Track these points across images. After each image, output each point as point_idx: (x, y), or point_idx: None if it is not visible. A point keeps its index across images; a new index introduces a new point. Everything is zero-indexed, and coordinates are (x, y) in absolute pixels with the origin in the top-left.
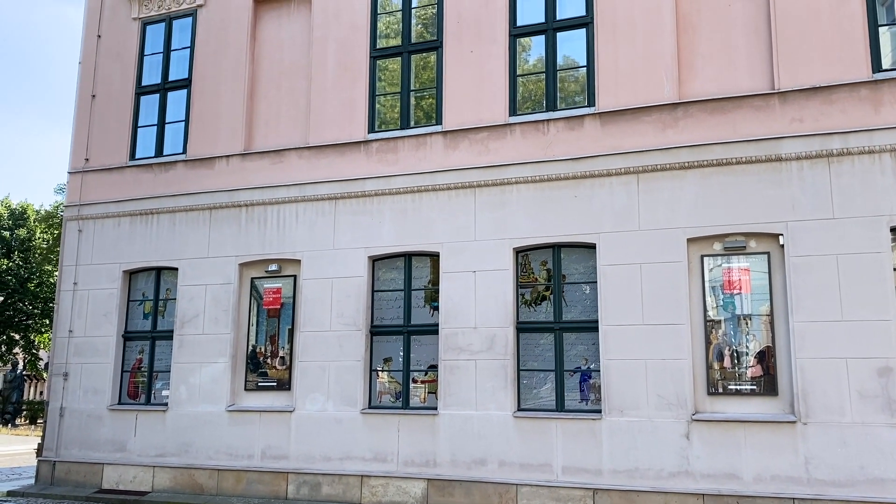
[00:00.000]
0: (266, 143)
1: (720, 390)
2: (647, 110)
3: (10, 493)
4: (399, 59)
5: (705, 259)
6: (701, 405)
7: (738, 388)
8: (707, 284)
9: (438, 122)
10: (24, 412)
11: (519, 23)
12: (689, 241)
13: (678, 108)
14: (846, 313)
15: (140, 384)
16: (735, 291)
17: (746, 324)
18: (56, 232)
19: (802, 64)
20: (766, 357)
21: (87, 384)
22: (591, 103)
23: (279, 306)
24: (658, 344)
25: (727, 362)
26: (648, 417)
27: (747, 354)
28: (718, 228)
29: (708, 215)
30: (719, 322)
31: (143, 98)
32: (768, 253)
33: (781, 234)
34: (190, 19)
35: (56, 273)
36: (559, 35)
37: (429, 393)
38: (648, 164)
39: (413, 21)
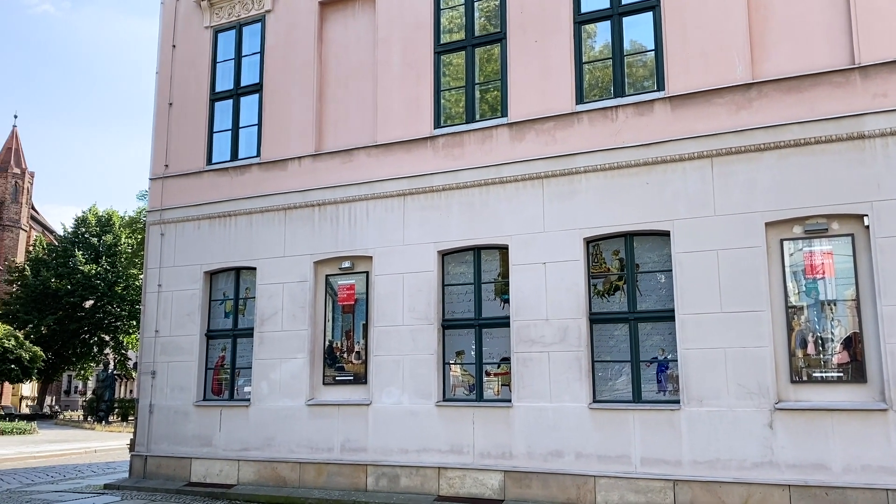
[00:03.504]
0: (336, 143)
1: (804, 378)
2: (719, 92)
3: (106, 486)
4: (463, 53)
5: (785, 243)
6: (784, 394)
7: (824, 375)
8: (788, 269)
9: (504, 114)
10: (116, 410)
11: (583, 10)
12: (768, 225)
13: (752, 89)
14: None
15: (223, 381)
16: (818, 276)
17: (831, 309)
18: (140, 236)
19: (884, 36)
20: (852, 343)
21: (173, 382)
22: (661, 87)
23: (353, 302)
24: (737, 332)
25: (811, 349)
26: (729, 407)
27: (832, 341)
28: (798, 211)
29: (787, 198)
30: (802, 308)
31: (217, 104)
32: (852, 235)
33: (866, 215)
34: (259, 25)
35: (141, 276)
36: (625, 20)
37: (502, 385)
38: (722, 147)
39: (476, 14)
